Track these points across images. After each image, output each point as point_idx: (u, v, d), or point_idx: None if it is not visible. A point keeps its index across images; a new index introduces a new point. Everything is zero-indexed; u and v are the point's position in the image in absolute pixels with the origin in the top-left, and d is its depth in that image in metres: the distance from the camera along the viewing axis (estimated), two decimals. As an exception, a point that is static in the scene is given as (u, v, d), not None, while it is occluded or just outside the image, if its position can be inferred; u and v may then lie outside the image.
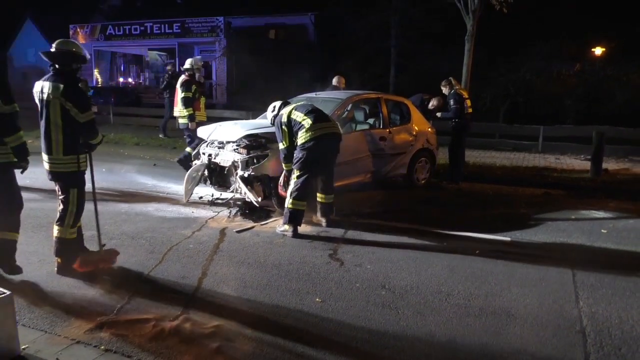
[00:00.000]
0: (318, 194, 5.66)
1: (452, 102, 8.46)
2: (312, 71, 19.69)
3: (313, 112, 5.53)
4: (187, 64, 9.12)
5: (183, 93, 8.85)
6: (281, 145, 5.65)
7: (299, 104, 5.77)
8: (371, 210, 6.70)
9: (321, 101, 7.73)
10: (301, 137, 5.44)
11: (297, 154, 5.49)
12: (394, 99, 8.39)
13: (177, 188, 7.53)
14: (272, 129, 6.78)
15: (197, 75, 9.11)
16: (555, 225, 6.17)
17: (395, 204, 7.15)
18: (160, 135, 13.67)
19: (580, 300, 4.00)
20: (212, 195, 6.85)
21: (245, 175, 6.12)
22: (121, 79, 29.47)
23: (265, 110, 6.33)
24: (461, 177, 8.69)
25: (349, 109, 7.64)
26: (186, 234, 5.38)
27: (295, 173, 5.49)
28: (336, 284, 4.20)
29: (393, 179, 7.96)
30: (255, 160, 6.22)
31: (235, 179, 6.26)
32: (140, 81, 29.59)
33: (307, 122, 5.42)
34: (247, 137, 6.35)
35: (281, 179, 5.84)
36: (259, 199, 6.15)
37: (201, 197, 6.96)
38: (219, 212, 6.32)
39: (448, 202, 7.34)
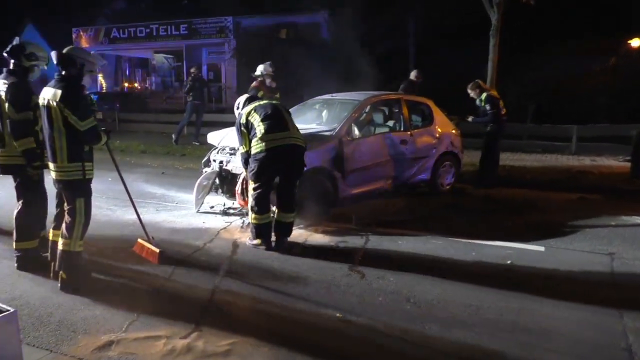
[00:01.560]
0: (276, 210, 5.38)
1: (488, 106, 8.51)
2: (327, 71, 19.72)
3: (269, 118, 5.21)
4: (258, 70, 9.53)
5: None
6: (240, 149, 5.50)
7: (261, 104, 5.39)
8: (393, 218, 6.66)
9: (338, 103, 7.75)
10: (254, 146, 5.21)
11: (251, 164, 5.27)
12: (414, 99, 8.35)
13: (186, 197, 7.57)
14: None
15: (267, 81, 9.46)
16: (594, 233, 6.06)
17: (418, 211, 7.11)
18: (174, 138, 13.87)
19: (624, 316, 3.91)
20: (224, 205, 6.86)
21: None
22: (126, 84, 29.84)
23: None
24: (493, 182, 8.65)
25: (367, 111, 7.62)
26: (197, 246, 5.40)
27: (251, 185, 5.38)
28: (357, 298, 4.16)
29: (415, 185, 7.92)
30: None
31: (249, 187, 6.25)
32: (147, 85, 29.94)
33: (260, 130, 5.17)
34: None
35: (238, 186, 5.80)
36: (274, 209, 6.11)
37: (212, 207, 6.97)
38: (231, 223, 6.32)
39: (475, 209, 7.27)
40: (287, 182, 5.38)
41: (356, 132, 7.04)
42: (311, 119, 7.75)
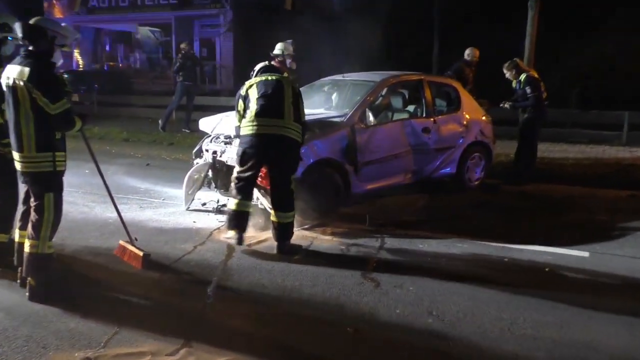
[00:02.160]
0: (272, 211, 5.48)
1: (528, 89, 8.46)
2: (338, 47, 19.66)
3: (266, 98, 5.29)
4: (277, 49, 9.56)
5: None
6: (235, 122, 5.63)
7: (267, 79, 5.42)
8: (412, 218, 6.66)
9: (350, 85, 7.74)
10: (243, 126, 5.37)
11: (238, 146, 5.47)
12: (439, 80, 8.32)
13: (175, 193, 7.58)
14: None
15: (288, 62, 9.57)
16: (646, 237, 6.06)
17: (442, 210, 7.09)
18: (160, 125, 13.95)
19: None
20: (218, 202, 6.87)
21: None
22: (107, 61, 29.90)
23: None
24: (530, 177, 8.62)
25: (383, 93, 7.60)
26: (187, 249, 5.41)
27: (235, 168, 5.51)
28: (371, 310, 4.16)
29: (439, 180, 7.90)
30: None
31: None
32: (130, 63, 29.99)
33: (252, 110, 5.29)
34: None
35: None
36: (262, 204, 6.13)
37: (204, 204, 6.99)
38: (225, 222, 6.33)
39: (508, 208, 7.24)
40: (279, 177, 5.40)
41: (371, 118, 7.02)
42: (319, 103, 7.75)
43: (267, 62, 5.81)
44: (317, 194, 6.24)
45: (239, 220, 5.42)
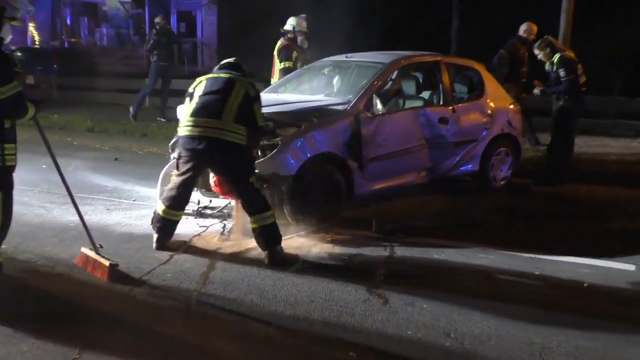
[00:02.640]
0: (248, 218, 5.60)
1: (562, 72, 8.40)
2: (338, 24, 19.62)
3: (206, 96, 5.44)
4: (288, 24, 9.73)
5: (282, 63, 9.53)
6: None
7: (215, 76, 5.58)
8: (427, 224, 6.66)
9: (354, 67, 7.74)
10: (180, 126, 5.58)
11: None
12: (459, 62, 8.32)
13: (148, 192, 7.57)
14: (284, 107, 6.78)
15: (299, 39, 9.74)
16: None
17: (461, 215, 7.10)
18: (131, 112, 13.95)
19: None
20: (199, 203, 6.87)
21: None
22: (68, 38, 29.81)
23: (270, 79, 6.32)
24: (565, 176, 8.61)
25: (393, 77, 7.59)
26: (162, 258, 5.40)
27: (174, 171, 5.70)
28: (378, 331, 4.15)
29: (458, 179, 7.90)
30: (259, 152, 6.25)
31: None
32: (96, 40, 29.93)
33: (189, 109, 5.49)
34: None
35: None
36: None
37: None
38: (207, 227, 6.34)
39: (540, 213, 7.24)
40: (234, 182, 5.54)
41: (379, 106, 7.01)
42: (318, 88, 7.75)
43: (232, 60, 5.86)
44: (315, 195, 6.26)
45: (163, 225, 5.62)
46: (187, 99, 5.59)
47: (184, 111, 5.60)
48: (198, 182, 6.53)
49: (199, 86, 5.55)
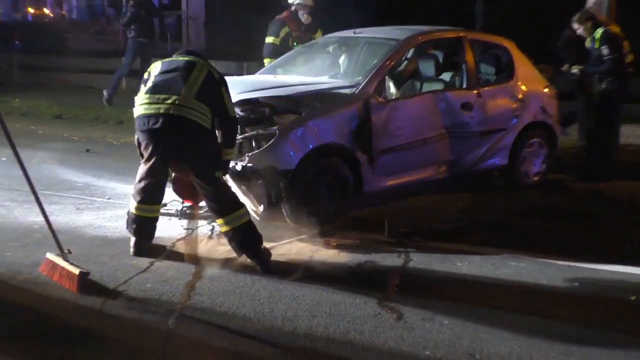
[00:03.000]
0: (217, 222, 5.63)
1: (605, 49, 8.31)
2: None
3: (163, 74, 5.45)
4: None
5: (267, 38, 9.85)
6: None
7: (172, 59, 5.62)
8: (448, 226, 6.66)
9: (364, 45, 7.72)
10: (134, 108, 5.58)
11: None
12: (485, 39, 8.28)
13: (124, 189, 7.54)
14: (282, 91, 6.77)
15: (301, 14, 9.86)
16: None
17: (488, 216, 7.10)
18: (105, 96, 13.94)
19: None
20: (183, 202, 6.85)
21: (238, 168, 6.12)
22: (31, 10, 29.77)
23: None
24: (608, 171, 8.58)
25: (409, 56, 7.57)
26: (140, 266, 5.37)
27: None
28: (391, 351, 4.12)
29: (485, 174, 7.88)
30: (253, 143, 6.23)
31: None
32: (64, 12, 29.90)
33: (144, 86, 5.48)
34: (240, 104, 6.35)
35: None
36: (261, 209, 6.15)
37: (165, 205, 6.93)
38: (193, 230, 6.27)
39: (578, 214, 7.23)
40: (197, 177, 5.42)
41: (392, 89, 6.98)
42: (322, 69, 7.72)
43: (191, 49, 5.96)
44: (318, 193, 6.25)
45: (139, 225, 5.62)
46: (142, 86, 5.56)
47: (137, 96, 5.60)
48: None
49: (154, 69, 5.56)
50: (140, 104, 5.39)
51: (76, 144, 10.55)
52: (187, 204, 6.79)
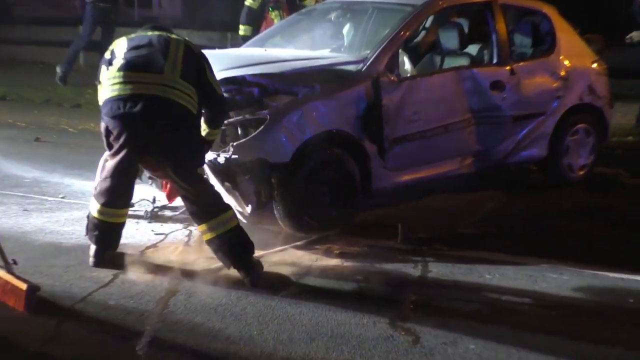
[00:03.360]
0: (199, 229, 5.64)
1: None
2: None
3: (136, 49, 5.46)
4: None
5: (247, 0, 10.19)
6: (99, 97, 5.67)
7: (139, 35, 5.65)
8: (474, 230, 6.69)
9: (373, 12, 7.72)
10: (103, 90, 5.53)
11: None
12: (520, 4, 8.26)
13: (82, 186, 7.57)
14: (274, 67, 6.77)
15: None
16: None
17: (522, 218, 7.11)
18: (59, 73, 13.89)
19: None
20: (154, 201, 6.86)
21: (220, 160, 6.12)
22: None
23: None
24: None
25: (427, 25, 7.55)
26: (102, 280, 5.36)
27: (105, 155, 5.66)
28: (407, 384, 4.12)
29: (519, 168, 7.89)
30: (239, 131, 6.25)
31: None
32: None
33: (116, 64, 5.42)
34: (223, 83, 6.34)
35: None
36: (248, 210, 6.16)
37: (131, 206, 6.92)
38: (167, 235, 6.35)
39: (634, 216, 7.24)
40: (178, 173, 5.43)
41: (407, 65, 6.98)
42: (322, 41, 7.72)
43: (157, 24, 5.98)
44: (318, 191, 6.27)
45: (101, 231, 5.57)
46: (103, 67, 5.53)
47: (103, 77, 5.52)
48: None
49: (117, 48, 5.53)
50: (112, 84, 5.35)
51: (23, 131, 10.56)
52: (159, 204, 6.82)
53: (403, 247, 6.17)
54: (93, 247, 5.60)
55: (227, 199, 6.05)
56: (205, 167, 6.15)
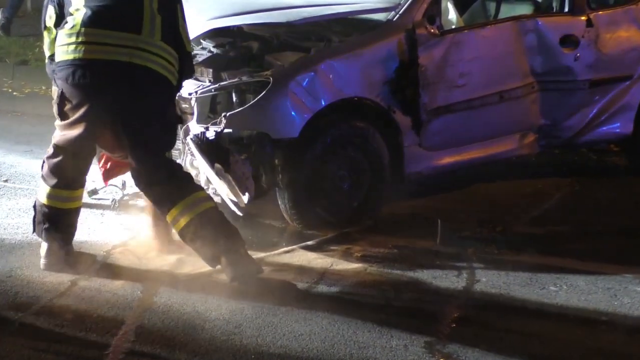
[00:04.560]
0: (167, 217, 5.67)
1: None
2: None
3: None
4: None
5: None
6: (45, 46, 5.73)
7: None
8: (536, 229, 6.69)
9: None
10: (57, 46, 5.52)
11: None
12: None
13: (28, 167, 7.66)
14: (277, 15, 6.78)
15: None
16: None
17: (599, 214, 7.10)
18: (0, 24, 13.87)
19: None
20: (123, 186, 6.88)
21: (210, 135, 6.14)
22: None
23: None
24: None
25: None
26: (56, 287, 5.39)
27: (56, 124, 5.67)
28: None
29: (595, 148, 7.89)
30: (234, 98, 6.27)
31: (186, 145, 6.32)
32: None
33: (75, 20, 5.39)
34: (212, 36, 6.35)
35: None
36: (245, 199, 6.16)
37: (95, 193, 6.98)
38: (139, 230, 6.37)
39: None
40: (138, 155, 5.49)
41: (452, 14, 6.97)
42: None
43: None
44: (334, 176, 6.30)
45: (54, 222, 5.58)
46: (51, 9, 5.54)
47: (49, 29, 5.58)
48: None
49: None
50: (71, 43, 5.34)
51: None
52: (130, 191, 6.84)
53: (443, 249, 6.17)
54: (44, 245, 5.62)
55: (218, 185, 6.06)
56: (190, 144, 6.17)
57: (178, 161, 6.37)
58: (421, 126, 6.61)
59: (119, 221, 6.51)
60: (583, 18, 7.50)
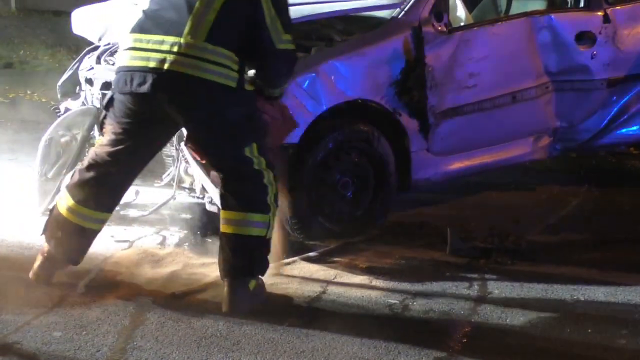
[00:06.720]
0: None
1: None
2: None
3: (159, 3, 5.42)
4: None
5: None
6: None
7: None
8: (550, 237, 6.71)
9: None
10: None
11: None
12: None
13: (13, 175, 7.62)
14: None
15: None
16: None
17: (618, 221, 7.12)
18: None
19: None
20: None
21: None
22: None
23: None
24: None
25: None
26: (44, 303, 5.39)
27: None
28: None
29: (614, 152, 7.88)
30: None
31: (180, 152, 6.32)
32: None
33: (136, 18, 5.46)
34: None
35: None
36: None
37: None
38: (131, 243, 6.44)
39: None
40: (213, 155, 5.50)
41: (460, 11, 6.98)
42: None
43: None
44: (337, 183, 6.30)
45: (68, 237, 5.54)
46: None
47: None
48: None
49: None
50: (126, 48, 5.38)
51: None
52: (122, 200, 6.84)
53: (453, 259, 6.19)
54: (39, 258, 5.57)
55: (214, 193, 6.06)
56: (185, 150, 6.17)
57: (171, 168, 6.39)
58: (429, 130, 6.61)
59: (109, 233, 6.48)
60: (600, 13, 7.51)
